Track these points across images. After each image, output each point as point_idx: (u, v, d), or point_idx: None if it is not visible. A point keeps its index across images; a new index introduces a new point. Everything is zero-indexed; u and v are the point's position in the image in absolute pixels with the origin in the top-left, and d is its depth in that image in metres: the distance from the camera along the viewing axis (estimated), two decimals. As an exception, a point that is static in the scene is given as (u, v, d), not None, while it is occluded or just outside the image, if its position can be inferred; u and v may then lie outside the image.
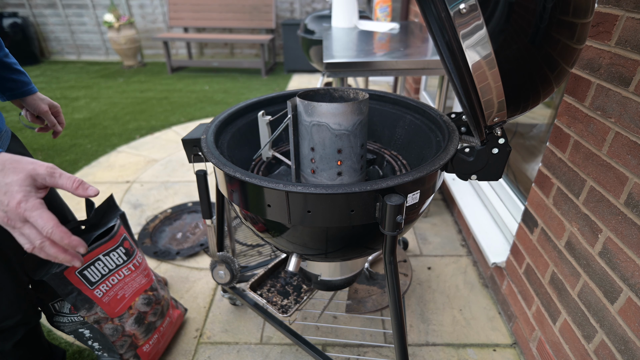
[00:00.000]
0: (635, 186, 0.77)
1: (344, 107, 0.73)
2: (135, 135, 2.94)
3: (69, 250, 0.57)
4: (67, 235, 0.55)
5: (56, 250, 0.56)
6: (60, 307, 1.01)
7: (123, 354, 1.07)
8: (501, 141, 0.73)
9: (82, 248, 0.57)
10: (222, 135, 0.91)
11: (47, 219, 0.54)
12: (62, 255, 0.56)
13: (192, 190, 2.18)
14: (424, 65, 1.39)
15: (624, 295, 0.81)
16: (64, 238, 0.55)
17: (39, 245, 0.55)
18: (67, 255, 0.57)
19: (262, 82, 4.41)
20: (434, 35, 0.56)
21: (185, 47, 5.32)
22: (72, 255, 0.58)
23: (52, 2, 5.10)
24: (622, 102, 0.80)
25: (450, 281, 1.52)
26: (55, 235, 0.54)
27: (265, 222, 0.77)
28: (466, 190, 1.81)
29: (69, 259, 0.57)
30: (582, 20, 0.58)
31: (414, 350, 1.25)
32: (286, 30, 4.36)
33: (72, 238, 0.56)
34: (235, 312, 1.40)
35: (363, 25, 2.04)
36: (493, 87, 0.59)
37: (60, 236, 0.55)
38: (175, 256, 1.66)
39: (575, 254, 0.97)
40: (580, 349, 0.95)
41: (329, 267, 1.05)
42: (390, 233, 0.68)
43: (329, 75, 1.40)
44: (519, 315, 1.26)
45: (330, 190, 0.63)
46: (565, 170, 1.00)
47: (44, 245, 0.55)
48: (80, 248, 0.57)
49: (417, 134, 0.97)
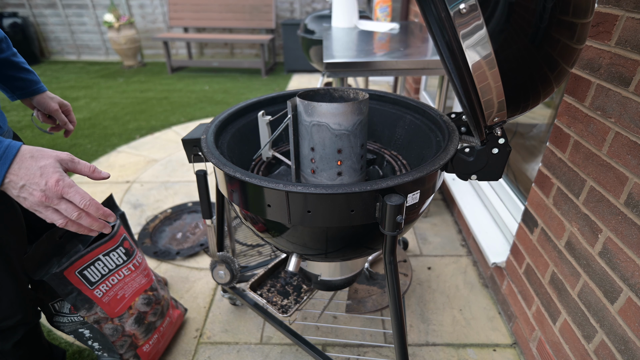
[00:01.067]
0: (635, 186, 0.77)
1: (344, 107, 0.73)
2: (135, 135, 2.94)
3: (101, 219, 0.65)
4: (100, 207, 0.63)
5: (91, 220, 0.63)
6: (60, 307, 1.01)
7: (123, 354, 1.07)
8: (501, 141, 0.73)
9: (112, 218, 0.65)
10: (222, 135, 0.91)
11: (83, 194, 0.61)
12: (96, 224, 0.64)
13: (192, 190, 2.18)
14: (424, 65, 1.39)
15: (624, 295, 0.81)
16: (98, 209, 0.63)
17: (76, 217, 0.62)
18: (100, 223, 0.65)
19: (262, 82, 4.41)
20: (434, 35, 0.56)
21: (185, 47, 5.32)
22: (104, 224, 0.65)
23: (52, 2, 5.10)
24: (622, 102, 0.80)
25: (450, 281, 1.52)
26: (92, 207, 0.62)
27: (265, 222, 0.77)
28: (466, 190, 1.81)
29: (102, 226, 0.65)
30: (582, 20, 0.58)
31: (414, 350, 1.25)
32: (286, 30, 4.36)
33: (104, 209, 0.64)
34: (235, 312, 1.40)
35: (363, 25, 2.04)
36: (493, 87, 0.59)
37: (96, 207, 0.63)
38: (175, 256, 1.66)
39: (575, 254, 0.97)
40: (580, 349, 0.95)
41: (329, 267, 1.05)
42: (390, 233, 0.68)
43: (329, 75, 1.40)
44: (519, 315, 1.26)
45: (330, 190, 0.63)
46: (565, 170, 1.00)
47: (80, 217, 0.62)
48: (111, 218, 0.65)
49: (417, 134, 0.97)
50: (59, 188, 0.59)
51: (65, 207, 0.61)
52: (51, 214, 0.61)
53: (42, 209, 0.60)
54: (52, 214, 0.61)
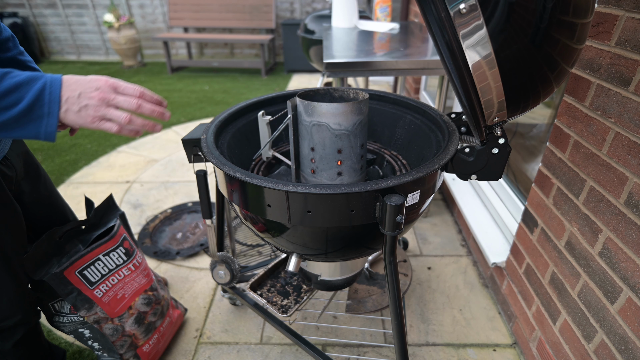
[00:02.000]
0: (635, 186, 0.77)
1: (344, 107, 0.73)
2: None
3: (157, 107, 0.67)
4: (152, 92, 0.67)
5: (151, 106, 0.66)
6: (60, 307, 1.01)
7: (123, 354, 1.07)
8: (501, 141, 0.73)
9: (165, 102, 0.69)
10: (222, 135, 0.91)
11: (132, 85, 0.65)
12: (158, 108, 0.66)
13: (192, 190, 2.18)
14: (424, 65, 1.39)
15: (624, 295, 0.81)
16: (152, 95, 0.67)
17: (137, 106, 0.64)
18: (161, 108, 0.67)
19: (262, 82, 4.41)
20: (434, 35, 0.56)
21: (185, 47, 5.32)
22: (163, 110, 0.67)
23: (52, 2, 5.10)
24: (622, 102, 0.80)
25: (450, 281, 1.52)
26: (146, 93, 0.66)
27: (265, 222, 0.77)
28: (466, 190, 1.81)
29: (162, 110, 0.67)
30: (582, 20, 0.58)
31: (414, 350, 1.25)
32: (286, 30, 4.36)
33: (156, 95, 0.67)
34: (235, 312, 1.40)
35: (363, 25, 2.04)
36: (493, 87, 0.59)
37: (149, 93, 0.66)
38: (175, 256, 1.66)
39: (575, 254, 0.97)
40: (580, 349, 0.95)
41: (329, 267, 1.05)
42: (390, 233, 0.68)
43: (329, 75, 1.40)
44: (519, 315, 1.26)
45: (330, 190, 0.63)
46: (565, 170, 1.00)
47: (140, 105, 0.64)
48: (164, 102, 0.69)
49: (417, 134, 0.97)
50: (111, 82, 0.63)
51: (123, 99, 0.63)
52: (113, 112, 0.62)
53: (104, 109, 0.62)
54: (114, 112, 0.63)
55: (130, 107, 0.64)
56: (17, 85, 0.58)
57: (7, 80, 0.57)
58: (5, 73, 0.58)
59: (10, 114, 0.58)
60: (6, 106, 0.57)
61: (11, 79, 0.58)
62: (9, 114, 0.58)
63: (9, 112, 0.58)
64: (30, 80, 0.59)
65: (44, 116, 0.60)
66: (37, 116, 0.59)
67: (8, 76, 0.58)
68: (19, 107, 0.58)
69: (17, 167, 0.87)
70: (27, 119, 0.59)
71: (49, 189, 1.00)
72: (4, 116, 0.58)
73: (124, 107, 0.64)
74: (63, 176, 2.35)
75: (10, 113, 0.58)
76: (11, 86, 0.57)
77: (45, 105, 0.59)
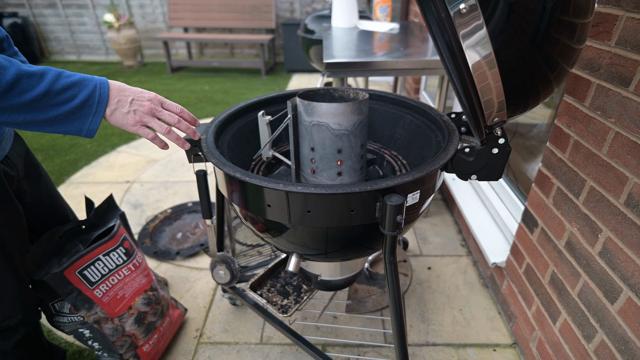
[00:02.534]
0: (635, 186, 0.77)
1: (344, 107, 0.73)
2: (135, 135, 2.94)
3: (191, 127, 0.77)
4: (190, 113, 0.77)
5: (187, 124, 0.76)
6: (60, 307, 1.01)
7: (123, 354, 1.07)
8: (501, 141, 0.73)
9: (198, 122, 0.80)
10: (222, 135, 0.91)
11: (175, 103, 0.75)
12: (192, 127, 0.77)
13: (192, 190, 2.18)
14: (424, 65, 1.39)
15: (624, 295, 0.81)
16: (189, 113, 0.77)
17: (176, 122, 0.74)
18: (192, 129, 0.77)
19: (262, 82, 4.41)
20: (434, 35, 0.56)
21: (185, 47, 5.32)
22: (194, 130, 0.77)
23: (52, 2, 5.09)
24: (622, 102, 0.80)
25: (450, 281, 1.52)
26: (185, 112, 0.76)
27: (265, 222, 0.77)
28: (466, 190, 1.81)
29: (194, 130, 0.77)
30: (582, 20, 0.58)
31: (414, 350, 1.25)
32: (286, 30, 4.36)
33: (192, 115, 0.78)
34: (235, 312, 1.40)
35: (363, 25, 2.04)
36: (493, 87, 0.59)
37: (187, 112, 0.77)
38: (175, 256, 1.66)
39: (575, 254, 0.97)
40: (580, 349, 0.95)
41: (329, 267, 1.05)
42: (390, 233, 0.68)
43: (329, 75, 1.40)
44: (519, 315, 1.26)
45: (330, 190, 0.63)
46: (565, 170, 1.00)
47: (180, 122, 0.74)
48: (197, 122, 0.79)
49: (417, 134, 0.97)
50: (160, 98, 0.73)
51: (167, 114, 0.73)
52: (156, 122, 0.72)
53: (149, 118, 0.70)
54: (156, 122, 0.72)
55: (171, 122, 0.74)
56: (72, 83, 0.64)
57: (64, 79, 0.63)
58: (61, 72, 0.64)
59: (64, 109, 0.63)
60: (61, 102, 0.63)
61: (67, 77, 0.64)
62: (62, 109, 0.63)
63: (62, 108, 0.63)
64: (84, 80, 0.65)
65: (90, 114, 0.66)
66: (85, 114, 0.65)
67: (64, 75, 0.64)
68: (72, 103, 0.64)
69: (18, 167, 0.87)
70: (76, 116, 0.65)
71: (49, 189, 1.00)
72: (57, 111, 0.63)
73: (166, 121, 0.73)
74: (63, 176, 2.35)
75: (63, 108, 0.63)
76: (68, 84, 0.63)
77: (94, 105, 0.66)
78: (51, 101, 0.62)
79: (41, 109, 0.62)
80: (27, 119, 0.62)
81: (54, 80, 0.62)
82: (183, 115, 0.75)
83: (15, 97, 0.59)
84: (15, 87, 0.59)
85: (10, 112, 0.60)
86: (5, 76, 0.58)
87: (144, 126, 0.71)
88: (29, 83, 0.60)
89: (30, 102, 0.60)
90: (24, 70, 0.60)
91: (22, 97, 0.60)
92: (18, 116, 0.61)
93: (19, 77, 0.59)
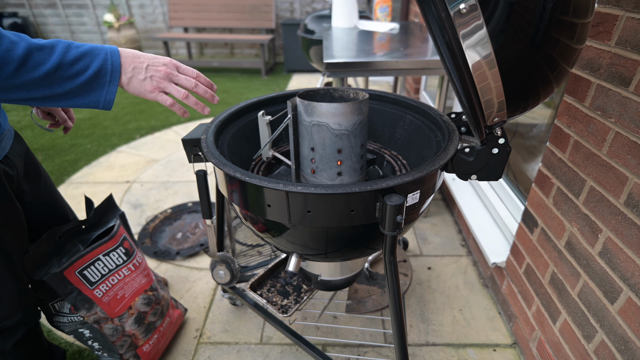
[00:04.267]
0: (635, 186, 0.77)
1: (344, 107, 0.73)
2: (135, 135, 2.94)
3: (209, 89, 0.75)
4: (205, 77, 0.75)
5: (204, 87, 0.73)
6: (60, 307, 1.01)
7: (123, 354, 1.07)
8: (501, 141, 0.73)
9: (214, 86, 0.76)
10: (222, 135, 0.91)
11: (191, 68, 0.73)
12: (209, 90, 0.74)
13: (192, 190, 2.18)
14: (424, 65, 1.39)
15: (624, 295, 0.81)
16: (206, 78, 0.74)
17: (194, 86, 0.71)
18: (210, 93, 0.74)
19: (262, 82, 4.41)
20: (434, 35, 0.56)
21: (185, 47, 5.32)
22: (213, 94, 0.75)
23: (52, 2, 5.10)
24: (622, 102, 0.80)
25: (450, 281, 1.52)
26: (201, 75, 0.74)
27: (265, 222, 0.77)
28: (466, 190, 1.81)
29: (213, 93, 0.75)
30: (582, 20, 0.58)
31: (414, 350, 1.25)
32: (286, 30, 4.36)
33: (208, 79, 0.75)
34: (235, 312, 1.40)
35: (363, 25, 2.04)
36: (493, 87, 0.59)
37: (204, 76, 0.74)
38: (175, 256, 1.66)
39: (575, 254, 0.97)
40: (580, 349, 0.95)
41: (329, 267, 1.05)
42: (390, 233, 0.68)
43: (329, 75, 1.40)
44: (519, 315, 1.26)
45: (330, 190, 0.63)
46: (565, 170, 1.00)
47: (197, 85, 0.72)
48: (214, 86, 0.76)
49: (417, 134, 0.97)
50: (175, 62, 0.71)
51: (184, 78, 0.70)
52: (174, 87, 0.70)
53: (166, 83, 0.69)
54: (174, 87, 0.70)
55: (188, 86, 0.71)
56: (83, 53, 0.62)
57: (75, 50, 0.62)
58: (70, 43, 0.62)
59: (79, 80, 0.62)
60: (76, 73, 0.62)
61: (77, 48, 0.62)
62: (77, 80, 0.62)
63: (77, 79, 0.62)
64: (94, 49, 0.64)
65: (106, 84, 0.64)
66: (100, 84, 0.64)
67: (74, 45, 0.62)
68: (86, 74, 0.62)
69: (18, 167, 0.87)
70: (91, 87, 0.64)
71: (49, 189, 1.00)
72: (73, 84, 0.62)
73: (183, 85, 0.71)
74: (63, 176, 2.35)
75: (79, 80, 0.62)
76: (79, 54, 0.62)
77: (107, 74, 0.64)
78: (65, 74, 0.61)
79: (57, 82, 0.61)
80: (45, 94, 0.62)
81: (64, 51, 0.61)
82: (199, 79, 0.73)
83: (29, 72, 0.59)
84: (28, 62, 0.58)
85: (29, 89, 0.60)
86: (17, 51, 0.57)
87: (162, 92, 0.70)
88: (41, 56, 0.59)
89: (45, 76, 0.60)
90: (34, 43, 0.59)
91: (36, 71, 0.59)
92: (37, 92, 0.61)
93: (30, 51, 0.58)
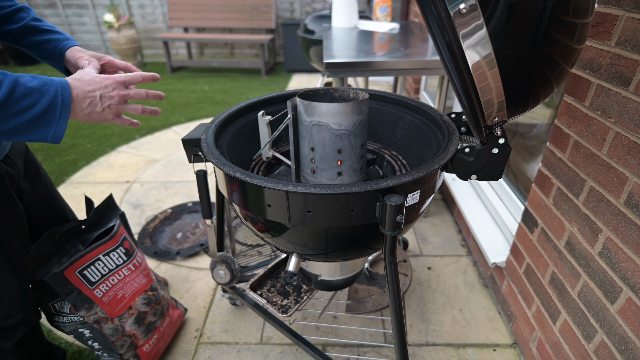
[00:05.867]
0: (635, 186, 0.77)
1: (344, 107, 0.73)
2: (135, 135, 2.94)
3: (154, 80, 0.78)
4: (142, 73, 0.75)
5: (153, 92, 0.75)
6: (60, 307, 1.01)
7: (123, 354, 1.07)
8: (501, 141, 0.73)
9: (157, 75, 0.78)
10: (222, 135, 0.91)
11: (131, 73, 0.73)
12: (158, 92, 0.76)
13: (192, 190, 2.18)
14: (424, 65, 1.39)
15: (624, 295, 0.81)
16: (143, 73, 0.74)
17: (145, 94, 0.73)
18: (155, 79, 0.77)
19: (262, 82, 4.41)
20: (434, 35, 0.56)
21: (185, 47, 5.32)
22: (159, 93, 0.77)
23: (52, 2, 5.09)
24: (622, 102, 0.80)
25: (450, 281, 1.52)
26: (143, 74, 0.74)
27: (265, 222, 0.77)
28: (466, 190, 1.81)
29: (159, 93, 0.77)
30: (582, 20, 0.58)
31: (414, 350, 1.25)
32: (286, 30, 4.36)
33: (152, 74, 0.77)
34: (235, 312, 1.40)
35: (363, 25, 2.04)
36: (493, 87, 0.59)
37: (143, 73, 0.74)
38: (175, 256, 1.66)
39: (575, 254, 0.97)
40: (580, 349, 0.95)
41: (329, 267, 1.05)
42: (390, 233, 0.68)
43: (329, 75, 1.40)
44: (519, 315, 1.26)
45: (330, 190, 0.63)
46: (565, 170, 1.00)
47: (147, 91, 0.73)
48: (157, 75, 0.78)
49: (417, 134, 0.97)
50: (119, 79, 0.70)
51: (135, 92, 0.71)
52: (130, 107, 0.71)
53: (123, 107, 0.70)
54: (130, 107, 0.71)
55: (141, 98, 0.73)
56: (31, 90, 0.60)
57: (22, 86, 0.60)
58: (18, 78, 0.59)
59: (25, 117, 0.60)
60: (22, 110, 0.59)
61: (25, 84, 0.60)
62: (23, 117, 0.60)
63: (23, 116, 0.60)
64: (43, 85, 0.62)
65: (54, 121, 0.63)
66: (48, 121, 0.62)
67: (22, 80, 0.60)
68: (33, 111, 0.60)
69: (18, 166, 0.87)
70: (39, 123, 0.62)
71: (49, 189, 1.00)
72: (18, 120, 0.60)
73: (135, 100, 0.72)
74: (63, 176, 2.35)
75: (24, 117, 0.60)
76: (27, 91, 0.60)
77: (57, 111, 0.62)
78: (11, 110, 0.58)
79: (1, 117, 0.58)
80: None
81: (12, 87, 0.58)
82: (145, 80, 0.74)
83: None
84: None
85: None
86: None
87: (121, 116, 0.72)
88: None
89: None
90: None
91: None
92: None
93: None
